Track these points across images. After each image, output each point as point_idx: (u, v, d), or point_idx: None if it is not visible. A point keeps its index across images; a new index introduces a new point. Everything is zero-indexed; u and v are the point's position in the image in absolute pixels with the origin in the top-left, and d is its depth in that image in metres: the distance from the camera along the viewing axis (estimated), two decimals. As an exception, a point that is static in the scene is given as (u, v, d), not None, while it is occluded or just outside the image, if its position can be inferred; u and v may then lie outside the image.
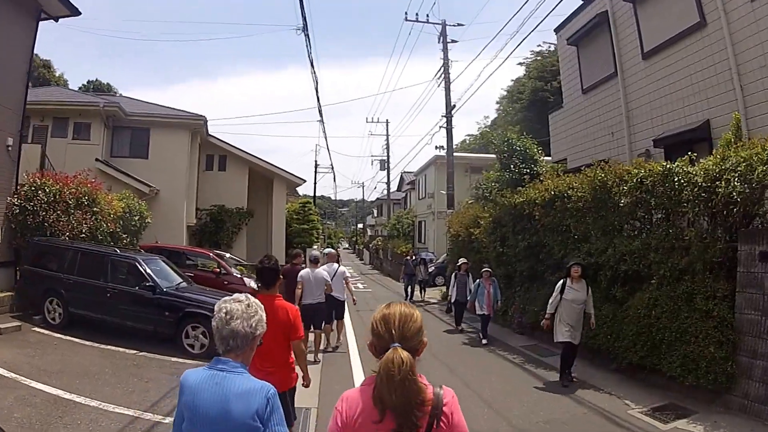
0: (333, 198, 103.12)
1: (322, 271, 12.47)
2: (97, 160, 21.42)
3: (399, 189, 62.93)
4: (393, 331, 2.51)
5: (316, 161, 59.65)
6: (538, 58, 55.55)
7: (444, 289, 25.73)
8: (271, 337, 4.20)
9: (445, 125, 27.14)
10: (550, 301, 10.74)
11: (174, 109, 26.51)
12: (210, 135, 27.48)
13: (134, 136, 24.23)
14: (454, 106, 26.53)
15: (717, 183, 8.95)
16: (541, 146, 19.18)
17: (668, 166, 10.16)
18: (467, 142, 66.72)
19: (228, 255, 22.85)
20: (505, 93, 63.44)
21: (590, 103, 19.44)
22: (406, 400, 2.37)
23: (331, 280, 12.65)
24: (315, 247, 31.99)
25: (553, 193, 13.57)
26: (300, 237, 32.45)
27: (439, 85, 27.53)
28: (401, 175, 60.42)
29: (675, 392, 9.39)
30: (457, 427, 2.49)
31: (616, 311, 11.13)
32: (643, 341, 10.11)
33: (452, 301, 16.61)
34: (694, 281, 9.42)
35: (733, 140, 10.14)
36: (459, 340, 15.17)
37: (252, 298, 3.03)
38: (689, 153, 10.32)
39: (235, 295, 3.03)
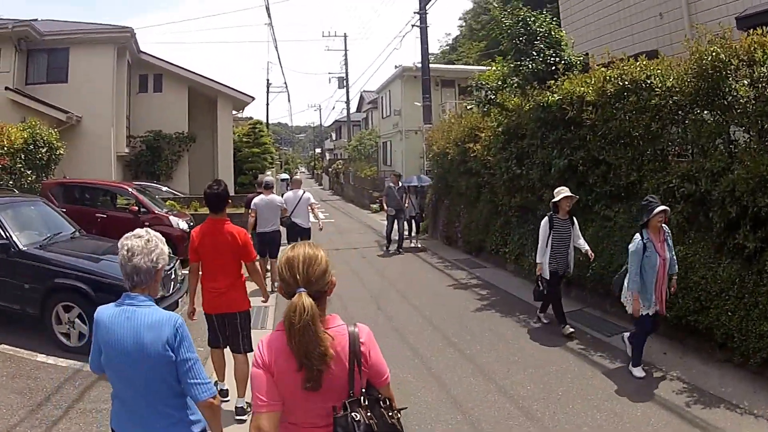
0: (289, 124, 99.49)
1: (276, 196, 11.55)
2: (7, 88, 18.05)
3: (359, 110, 57.32)
4: (297, 276, 2.34)
5: (267, 79, 54.10)
6: None
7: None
8: (219, 259, 5.45)
9: (418, 23, 21.64)
10: None
11: (95, 23, 22.48)
12: (142, 52, 23.37)
13: (52, 58, 20.33)
14: (431, -3, 20.88)
15: None
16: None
17: None
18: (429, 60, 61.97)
19: (165, 188, 20.45)
20: (470, 6, 59.44)
21: (623, -22, 14.54)
22: (305, 348, 2.24)
23: (296, 206, 12.15)
24: (268, 173, 27.11)
25: (620, 83, 8.67)
26: (251, 162, 27.72)
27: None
28: (361, 95, 54.77)
29: None
30: (375, 365, 2.45)
31: (742, 274, 6.70)
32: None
33: (541, 276, 8.42)
34: None
35: None
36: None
37: (152, 233, 3.02)
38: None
39: (136, 231, 3.01)
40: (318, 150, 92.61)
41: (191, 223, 13.17)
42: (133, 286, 2.89)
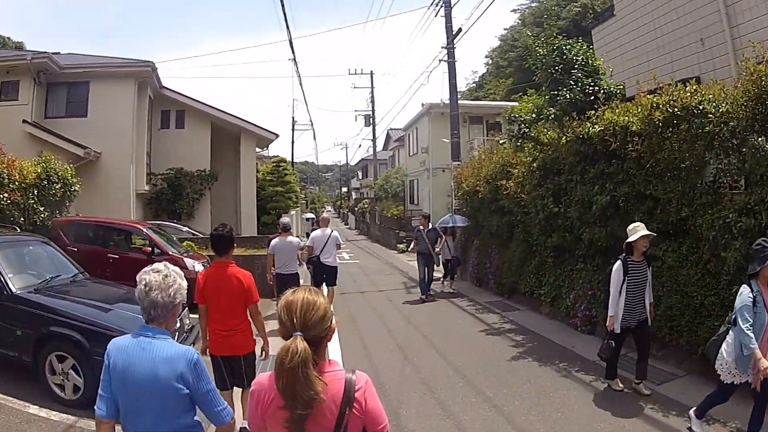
0: (315, 163, 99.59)
1: (294, 238, 11.62)
2: (24, 122, 17.76)
3: (385, 148, 56.90)
4: (294, 320, 2.38)
5: (293, 117, 54.03)
6: (534, 3, 51.02)
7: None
8: (224, 302, 5.51)
9: (446, 58, 21.02)
10: None
11: (116, 57, 22.12)
12: (164, 87, 23.11)
13: (71, 92, 20.02)
14: (459, 30, 20.38)
15: None
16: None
17: None
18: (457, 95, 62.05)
19: (186, 228, 19.87)
20: (497, 44, 59.66)
21: (660, 5, 14.14)
22: (293, 388, 2.27)
23: (324, 245, 12.23)
24: (292, 212, 26.79)
25: (670, 110, 7.99)
26: (274, 201, 27.22)
27: (437, 14, 21.49)
28: (387, 133, 54.35)
29: None
30: (370, 413, 2.44)
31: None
32: None
33: (611, 329, 7.19)
34: None
35: None
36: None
37: (171, 268, 3.08)
38: None
39: (155, 265, 3.06)
40: (344, 189, 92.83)
41: (207, 265, 12.62)
42: (150, 320, 2.97)
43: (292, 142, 52.21)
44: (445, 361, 8.82)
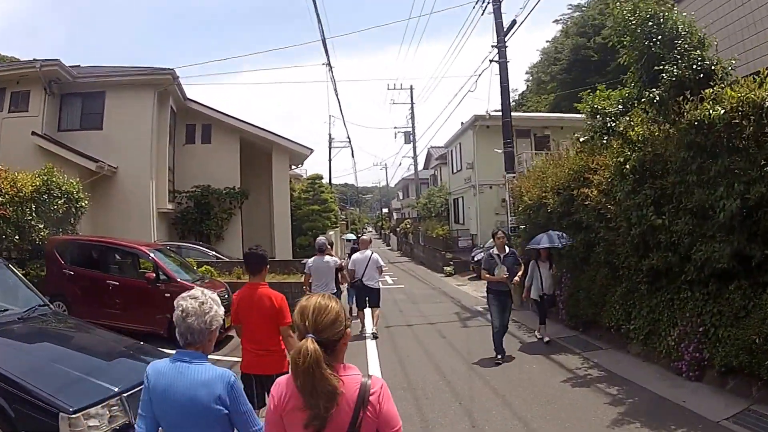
0: (354, 182, 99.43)
1: (330, 258, 11.23)
2: (33, 133, 16.91)
3: (426, 167, 55.72)
4: (307, 323, 2.45)
5: (330, 133, 52.42)
6: (576, 13, 49.57)
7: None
8: (258, 323, 5.45)
9: (496, 58, 18.64)
10: None
11: (134, 67, 20.82)
12: (189, 99, 21.87)
13: (86, 103, 19.24)
14: (513, 23, 17.82)
15: None
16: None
17: None
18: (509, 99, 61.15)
19: (213, 252, 18.43)
20: (537, 59, 58.31)
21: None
22: (311, 387, 2.33)
23: (365, 267, 12.12)
24: (331, 233, 25.03)
25: None
26: (311, 221, 25.33)
27: (484, 11, 19.19)
28: (428, 151, 53.05)
29: None
30: (385, 416, 2.45)
31: None
32: None
33: None
34: None
35: None
36: None
37: (208, 294, 3.04)
38: None
39: (192, 292, 3.05)
40: (385, 210, 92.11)
41: (226, 296, 10.56)
42: (187, 344, 2.94)
43: (330, 159, 50.57)
44: (527, 429, 6.49)
